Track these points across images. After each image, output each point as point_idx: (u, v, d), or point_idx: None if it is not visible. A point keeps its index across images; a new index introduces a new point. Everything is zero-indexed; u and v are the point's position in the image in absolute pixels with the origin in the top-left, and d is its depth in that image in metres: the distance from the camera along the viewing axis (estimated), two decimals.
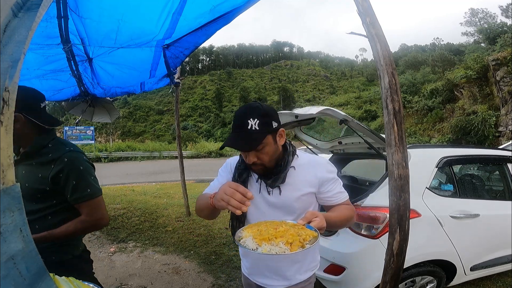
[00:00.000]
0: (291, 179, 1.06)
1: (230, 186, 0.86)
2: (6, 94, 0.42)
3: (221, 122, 57.34)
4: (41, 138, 1.16)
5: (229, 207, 0.83)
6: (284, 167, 1.05)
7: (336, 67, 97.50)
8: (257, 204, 1.10)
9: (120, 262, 3.22)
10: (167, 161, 22.06)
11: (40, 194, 1.13)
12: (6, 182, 0.41)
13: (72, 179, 1.14)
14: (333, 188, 1.10)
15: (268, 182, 1.06)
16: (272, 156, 1.02)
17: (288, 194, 1.07)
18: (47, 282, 0.47)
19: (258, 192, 1.09)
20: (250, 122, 0.94)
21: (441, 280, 2.19)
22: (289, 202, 1.07)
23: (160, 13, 2.19)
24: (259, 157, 1.00)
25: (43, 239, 1.09)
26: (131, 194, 7.04)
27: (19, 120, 1.09)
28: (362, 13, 1.37)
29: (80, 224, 1.17)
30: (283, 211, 1.07)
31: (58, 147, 1.18)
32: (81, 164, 1.18)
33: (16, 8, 0.47)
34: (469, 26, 37.80)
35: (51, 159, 1.14)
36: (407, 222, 1.36)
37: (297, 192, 1.07)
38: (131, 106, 63.10)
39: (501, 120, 15.96)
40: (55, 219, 1.16)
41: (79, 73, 2.94)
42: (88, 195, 1.17)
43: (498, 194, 2.73)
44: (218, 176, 1.21)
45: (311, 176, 1.08)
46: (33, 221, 1.13)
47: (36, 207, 1.14)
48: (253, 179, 1.12)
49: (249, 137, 0.94)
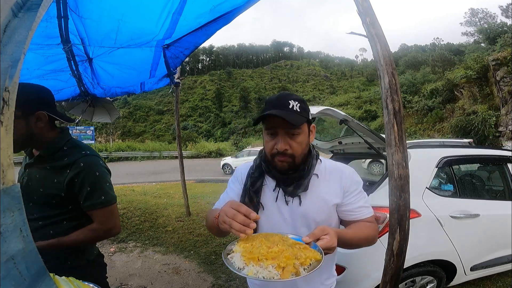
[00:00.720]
0: (313, 187, 0.94)
1: (231, 206, 0.77)
2: (6, 94, 0.42)
3: (221, 122, 57.34)
4: (56, 141, 1.12)
5: (232, 230, 0.74)
6: (308, 172, 0.93)
7: (336, 67, 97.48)
8: (270, 216, 0.96)
9: (120, 262, 3.22)
10: (167, 161, 22.07)
11: (55, 199, 1.09)
12: (6, 182, 0.41)
13: (87, 185, 1.09)
14: (357, 200, 0.96)
15: (288, 189, 0.93)
16: (303, 148, 0.91)
17: (309, 204, 0.93)
18: (47, 282, 0.47)
19: (274, 201, 0.96)
20: (292, 103, 0.86)
21: (441, 280, 2.19)
22: (309, 214, 0.93)
23: (160, 13, 2.19)
24: (291, 145, 0.88)
25: (51, 247, 1.06)
26: (131, 194, 7.04)
27: (42, 119, 1.06)
28: (362, 13, 1.37)
29: (91, 232, 1.13)
30: (300, 224, 0.94)
31: (74, 150, 1.13)
32: (97, 170, 1.13)
33: (16, 8, 0.47)
34: (469, 26, 37.83)
35: (66, 163, 1.09)
36: (407, 222, 1.36)
37: (320, 203, 0.94)
38: (131, 106, 63.10)
39: (501, 120, 15.95)
40: (70, 224, 1.12)
41: (79, 73, 2.94)
42: (102, 203, 1.12)
43: (498, 194, 2.73)
44: (228, 188, 1.08)
45: (336, 184, 0.96)
46: (47, 225, 1.10)
47: (51, 212, 1.10)
48: (269, 187, 0.98)
49: (293, 115, 0.85)
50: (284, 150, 0.88)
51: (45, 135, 1.10)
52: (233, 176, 1.10)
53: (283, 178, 0.94)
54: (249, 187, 0.98)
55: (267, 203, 0.96)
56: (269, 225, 0.96)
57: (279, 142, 0.88)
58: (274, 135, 0.90)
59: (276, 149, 0.89)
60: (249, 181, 0.99)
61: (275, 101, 0.88)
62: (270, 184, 0.98)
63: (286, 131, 0.87)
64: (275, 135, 0.90)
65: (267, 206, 0.96)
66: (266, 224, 0.96)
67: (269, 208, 0.96)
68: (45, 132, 1.10)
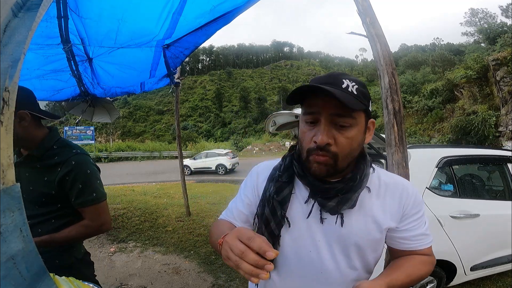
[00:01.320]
0: (363, 204, 0.70)
1: (239, 237, 0.55)
2: (6, 94, 0.42)
3: (221, 122, 57.38)
4: (46, 140, 1.13)
5: (240, 271, 0.54)
6: (360, 183, 0.68)
7: (336, 67, 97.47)
8: (297, 236, 0.72)
9: (120, 262, 3.22)
10: (167, 161, 22.08)
11: (45, 197, 1.11)
12: (6, 182, 0.41)
13: (78, 183, 1.11)
14: (417, 226, 0.74)
15: (328, 204, 0.68)
16: (354, 148, 0.66)
17: (354, 226, 0.70)
18: (47, 282, 0.47)
19: (304, 218, 0.71)
20: (347, 82, 0.63)
21: (441, 280, 2.20)
22: (352, 238, 0.70)
23: (160, 13, 2.19)
24: (337, 140, 0.63)
25: (44, 243, 1.07)
26: (131, 194, 7.05)
27: (25, 118, 1.05)
28: (362, 13, 1.37)
29: (83, 228, 1.15)
30: (337, 250, 0.71)
31: (64, 149, 1.15)
32: (88, 168, 1.15)
33: (16, 8, 0.47)
34: (469, 26, 37.84)
35: (57, 161, 1.10)
36: None
37: (370, 225, 0.70)
38: (131, 106, 63.15)
39: (501, 120, 15.96)
40: (59, 222, 1.14)
41: (79, 73, 2.94)
42: (93, 200, 1.14)
43: (498, 194, 2.73)
44: (239, 193, 0.84)
45: (394, 203, 0.72)
46: (36, 224, 1.11)
47: (40, 210, 1.12)
48: (298, 198, 0.73)
49: (347, 96, 0.61)
50: (326, 145, 0.63)
51: (32, 135, 1.10)
52: (247, 178, 0.84)
53: (322, 187, 0.68)
54: (273, 195, 0.72)
55: (294, 219, 0.72)
56: (294, 248, 0.72)
57: (319, 132, 0.63)
58: (315, 124, 0.65)
59: (314, 141, 0.64)
60: (274, 186, 0.73)
61: (324, 79, 0.65)
62: (301, 194, 0.73)
63: (333, 119, 0.63)
64: (316, 124, 0.65)
65: (295, 222, 0.72)
66: (291, 246, 0.72)
67: (297, 225, 0.72)
68: (32, 131, 1.09)
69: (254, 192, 0.80)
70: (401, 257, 0.77)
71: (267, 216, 0.72)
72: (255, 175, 0.82)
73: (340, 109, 0.61)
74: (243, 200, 0.81)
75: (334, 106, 0.61)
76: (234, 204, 0.83)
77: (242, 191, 0.83)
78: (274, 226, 0.71)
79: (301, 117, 0.69)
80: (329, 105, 0.62)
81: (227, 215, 0.83)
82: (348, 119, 0.63)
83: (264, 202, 0.74)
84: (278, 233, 0.71)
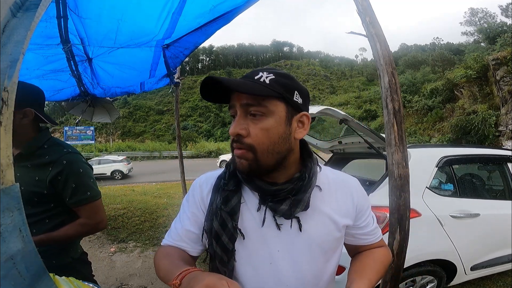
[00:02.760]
0: (316, 204, 0.67)
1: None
2: (5, 94, 0.42)
3: (221, 122, 57.36)
4: (37, 139, 1.12)
5: None
6: (309, 182, 0.65)
7: (336, 67, 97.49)
8: (254, 249, 0.66)
9: (120, 262, 3.22)
10: (167, 161, 22.08)
11: (37, 197, 1.09)
12: (5, 182, 0.41)
13: (71, 182, 1.10)
14: (371, 220, 0.76)
15: (280, 208, 0.63)
16: (274, 140, 0.61)
17: (313, 228, 0.66)
18: (46, 282, 0.47)
19: (258, 227, 0.65)
20: (262, 74, 0.61)
21: (442, 279, 2.19)
22: (314, 241, 0.67)
23: (159, 13, 2.19)
24: (250, 130, 0.60)
25: (41, 242, 1.06)
26: (131, 194, 7.05)
27: (29, 116, 1.06)
28: (362, 12, 1.37)
29: (80, 227, 1.14)
30: (301, 257, 0.67)
31: (55, 148, 1.13)
32: (80, 166, 1.14)
33: (14, 8, 0.47)
34: (469, 26, 37.82)
35: (48, 161, 1.09)
36: (407, 221, 1.36)
37: (329, 225, 0.68)
38: (131, 106, 63.13)
39: (501, 120, 15.95)
40: (53, 222, 1.13)
41: (79, 73, 2.94)
42: (88, 198, 1.14)
43: (498, 194, 2.73)
44: (183, 211, 0.74)
45: (347, 200, 0.71)
46: (31, 224, 1.07)
47: (33, 210, 1.10)
48: (248, 207, 0.67)
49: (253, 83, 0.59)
50: (239, 136, 0.60)
51: (26, 134, 1.09)
52: (190, 193, 0.75)
53: (271, 189, 0.63)
54: (220, 206, 0.65)
55: (248, 229, 0.65)
56: (252, 262, 0.66)
57: (232, 124, 0.61)
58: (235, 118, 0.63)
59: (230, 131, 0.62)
60: (220, 196, 0.66)
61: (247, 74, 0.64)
62: (250, 201, 0.67)
63: (245, 109, 0.60)
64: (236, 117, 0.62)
65: (249, 233, 0.65)
66: (247, 260, 0.66)
67: (252, 236, 0.65)
68: (28, 130, 1.09)
69: (199, 207, 0.71)
70: (360, 253, 0.78)
71: (217, 230, 0.65)
72: (198, 188, 0.73)
73: (250, 99, 0.59)
74: (189, 217, 0.71)
75: (246, 97, 0.59)
76: (179, 224, 0.72)
77: (186, 208, 0.73)
78: (227, 240, 0.64)
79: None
80: (241, 97, 0.60)
81: (172, 238, 0.72)
82: (258, 107, 0.59)
83: (212, 215, 0.66)
84: (232, 247, 0.64)
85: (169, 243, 0.73)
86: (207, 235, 0.68)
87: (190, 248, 0.71)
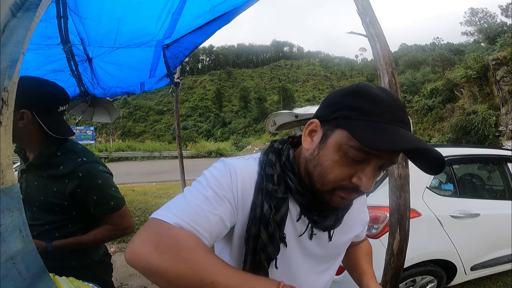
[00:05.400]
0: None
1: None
2: (5, 95, 0.42)
3: (221, 122, 57.39)
4: (47, 147, 1.03)
5: None
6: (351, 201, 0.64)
7: (336, 67, 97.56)
8: (289, 255, 0.65)
9: (121, 262, 3.22)
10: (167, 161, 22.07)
11: (58, 207, 1.05)
12: (5, 182, 0.41)
13: (92, 195, 1.05)
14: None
15: (325, 223, 0.63)
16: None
17: (338, 238, 0.69)
18: (46, 282, 0.47)
19: (296, 236, 0.64)
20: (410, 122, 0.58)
21: (442, 279, 2.20)
22: (337, 249, 0.72)
23: (159, 13, 2.19)
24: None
25: (70, 245, 1.06)
26: (131, 194, 7.04)
27: (24, 118, 0.95)
28: (362, 12, 1.37)
29: (107, 232, 1.14)
30: (321, 261, 0.70)
31: (68, 157, 1.05)
32: (98, 177, 1.07)
33: (15, 8, 0.47)
34: (469, 26, 37.87)
35: (63, 172, 1.02)
36: (407, 221, 1.36)
37: (349, 235, 0.73)
38: (131, 106, 63.17)
39: (501, 119, 15.96)
40: (75, 226, 1.11)
41: (79, 73, 2.94)
42: (112, 208, 1.11)
43: (498, 194, 2.73)
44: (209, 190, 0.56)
45: (363, 209, 0.77)
46: (54, 229, 1.08)
47: (55, 218, 1.08)
48: (292, 214, 0.63)
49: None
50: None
51: (30, 138, 1.01)
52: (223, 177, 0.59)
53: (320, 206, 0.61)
54: (274, 213, 0.58)
55: (288, 239, 0.63)
56: (286, 267, 0.65)
57: (366, 176, 0.52)
58: (360, 163, 0.53)
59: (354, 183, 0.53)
60: (270, 202, 0.58)
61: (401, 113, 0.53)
62: (293, 210, 0.63)
63: (383, 165, 0.54)
64: (361, 164, 0.53)
65: (288, 242, 0.63)
66: (283, 266, 0.64)
67: (290, 245, 0.64)
68: (30, 135, 1.00)
69: (234, 198, 0.58)
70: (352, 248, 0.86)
71: (264, 241, 0.58)
72: (240, 178, 0.59)
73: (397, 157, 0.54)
74: (228, 206, 0.56)
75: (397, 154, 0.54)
76: (210, 206, 0.54)
77: (220, 191, 0.56)
78: (272, 250, 0.59)
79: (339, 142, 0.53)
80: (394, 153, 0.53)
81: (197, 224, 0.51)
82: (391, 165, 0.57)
83: (258, 221, 0.58)
84: (275, 256, 0.61)
85: (189, 227, 0.50)
86: (250, 241, 0.59)
87: (209, 241, 0.53)
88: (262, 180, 0.60)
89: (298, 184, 0.60)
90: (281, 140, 0.67)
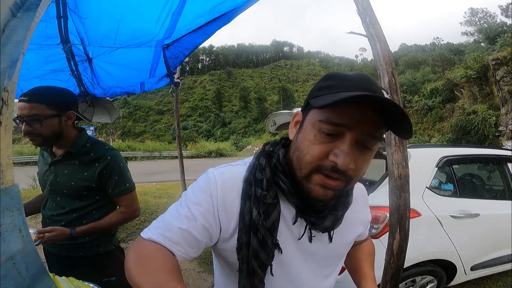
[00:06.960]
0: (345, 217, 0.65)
1: None
2: (5, 95, 0.42)
3: (221, 122, 57.41)
4: (80, 139, 1.27)
5: None
6: (351, 198, 0.64)
7: (336, 67, 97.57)
8: (287, 262, 0.62)
9: None
10: (167, 161, 22.07)
11: (86, 191, 1.24)
12: (5, 182, 0.41)
13: (115, 175, 1.26)
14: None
15: (323, 224, 0.60)
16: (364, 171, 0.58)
17: (340, 241, 0.67)
18: (46, 282, 0.47)
19: (294, 240, 0.61)
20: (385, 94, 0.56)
21: (442, 279, 2.20)
22: (339, 251, 0.69)
23: (159, 13, 2.19)
24: (357, 163, 0.52)
25: (92, 230, 1.22)
26: None
27: (72, 118, 1.23)
28: (362, 12, 1.37)
29: (120, 214, 1.30)
30: (325, 264, 0.68)
31: (97, 146, 1.29)
32: (121, 161, 1.30)
33: (15, 8, 0.48)
34: (469, 26, 37.87)
35: (94, 157, 1.24)
36: (407, 221, 1.36)
37: (351, 236, 0.70)
38: (131, 106, 63.18)
39: (501, 119, 15.95)
40: (99, 213, 1.29)
41: (79, 73, 2.94)
42: (127, 189, 1.30)
43: (498, 194, 2.73)
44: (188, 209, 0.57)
45: (365, 209, 0.75)
46: (81, 216, 1.26)
47: (82, 203, 1.26)
48: (285, 219, 0.60)
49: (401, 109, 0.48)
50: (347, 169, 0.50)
51: (70, 134, 1.25)
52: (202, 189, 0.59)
53: (318, 206, 0.59)
54: (261, 222, 0.55)
55: (284, 244, 0.60)
56: (285, 273, 0.62)
57: (342, 153, 0.49)
58: (336, 138, 0.50)
59: (332, 161, 0.50)
60: (259, 208, 0.56)
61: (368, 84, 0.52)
62: (286, 214, 0.60)
63: (362, 140, 0.50)
64: (337, 138, 0.50)
65: (285, 248, 0.60)
66: (281, 273, 0.61)
67: (288, 250, 0.61)
68: (71, 131, 1.25)
69: (216, 210, 0.57)
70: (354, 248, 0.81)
71: (255, 247, 0.56)
72: (220, 188, 0.58)
73: (376, 130, 0.50)
74: (201, 222, 0.56)
75: (372, 124, 0.49)
76: (180, 223, 0.56)
77: (194, 207, 0.57)
78: (265, 257, 0.57)
79: (311, 121, 0.53)
80: (367, 122, 0.49)
81: (167, 238, 0.55)
82: (376, 142, 0.51)
83: (248, 228, 0.57)
84: (269, 263, 0.58)
85: (160, 241, 0.56)
86: (243, 250, 0.58)
87: (184, 253, 0.57)
88: (250, 186, 0.58)
89: (290, 185, 0.57)
90: (273, 142, 0.65)
